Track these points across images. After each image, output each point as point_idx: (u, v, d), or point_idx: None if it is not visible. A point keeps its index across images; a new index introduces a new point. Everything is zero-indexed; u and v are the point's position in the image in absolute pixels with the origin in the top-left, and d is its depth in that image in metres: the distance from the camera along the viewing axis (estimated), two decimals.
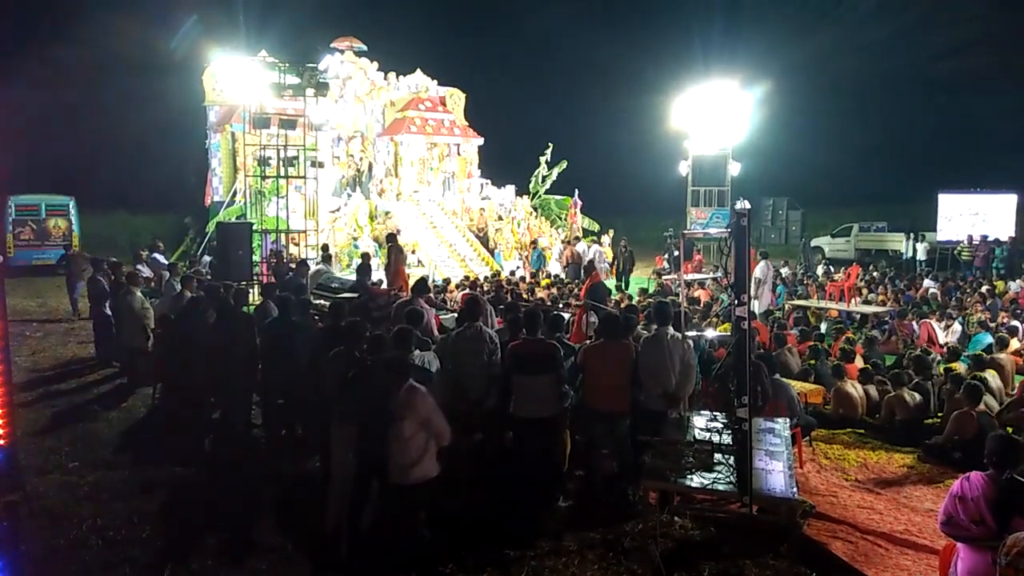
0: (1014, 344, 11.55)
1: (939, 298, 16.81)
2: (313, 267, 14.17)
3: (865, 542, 6.05)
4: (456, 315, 8.94)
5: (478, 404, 6.75)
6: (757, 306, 15.13)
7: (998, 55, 38.69)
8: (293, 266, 13.80)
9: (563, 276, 19.77)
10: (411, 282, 11.87)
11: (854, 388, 9.46)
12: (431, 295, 10.81)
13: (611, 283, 19.44)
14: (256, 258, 15.79)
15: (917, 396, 8.99)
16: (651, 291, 17.97)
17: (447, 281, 16.32)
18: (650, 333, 7.26)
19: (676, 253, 20.90)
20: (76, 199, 22.25)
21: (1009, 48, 38.37)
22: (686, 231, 21.46)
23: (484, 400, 6.78)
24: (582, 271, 16.92)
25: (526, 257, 22.87)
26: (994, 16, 39.28)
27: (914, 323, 14.02)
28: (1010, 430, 7.43)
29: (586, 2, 52.99)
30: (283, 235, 17.04)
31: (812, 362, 10.65)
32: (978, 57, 38.86)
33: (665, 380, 6.82)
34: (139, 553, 5.89)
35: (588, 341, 8.10)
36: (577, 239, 24.04)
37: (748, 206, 6.11)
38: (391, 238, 15.01)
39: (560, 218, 26.57)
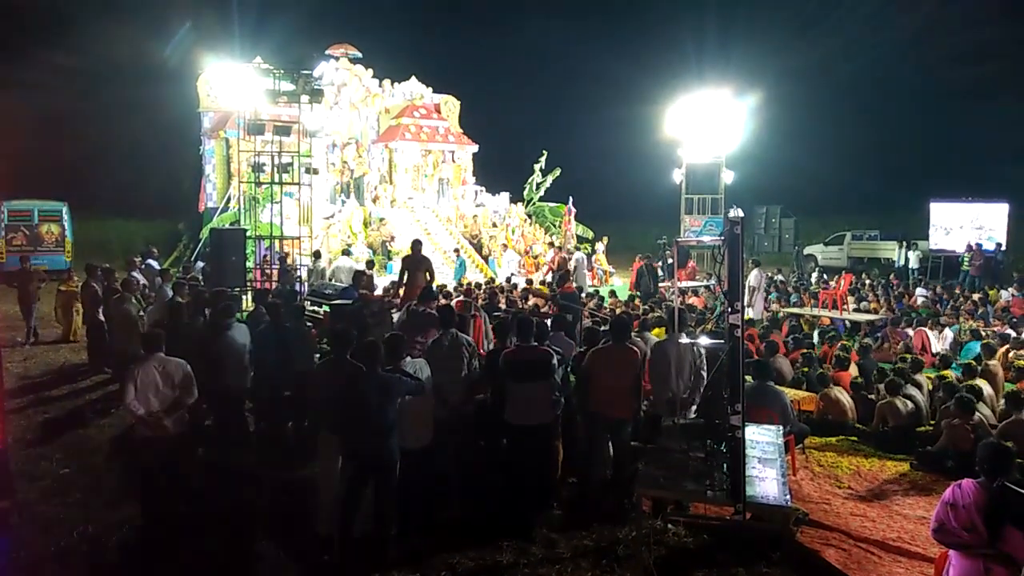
0: (1000, 352, 11.61)
1: (931, 306, 16.88)
2: (343, 261, 15.30)
3: (858, 550, 6.07)
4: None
5: (458, 411, 6.76)
6: (751, 314, 15.16)
7: (989, 65, 38.98)
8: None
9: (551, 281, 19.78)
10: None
11: (841, 394, 9.49)
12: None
13: (606, 290, 19.44)
14: (250, 264, 15.75)
15: (909, 404, 9.01)
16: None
17: (441, 287, 16.29)
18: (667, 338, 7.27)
19: (670, 261, 20.93)
20: (69, 205, 22.17)
21: (1000, 59, 38.68)
22: (680, 239, 21.51)
23: (464, 406, 6.80)
24: (557, 278, 16.86)
25: (521, 264, 22.89)
26: (986, 27, 39.59)
27: (908, 330, 14.07)
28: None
29: (580, 11, 53.18)
30: (277, 241, 17.01)
31: (805, 369, 10.68)
32: (969, 67, 39.15)
33: (674, 386, 6.84)
34: (130, 560, 5.87)
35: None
36: (578, 248, 24.06)
37: (741, 214, 6.15)
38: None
39: (554, 225, 26.60)
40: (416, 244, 12.61)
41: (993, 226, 24.92)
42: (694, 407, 7.21)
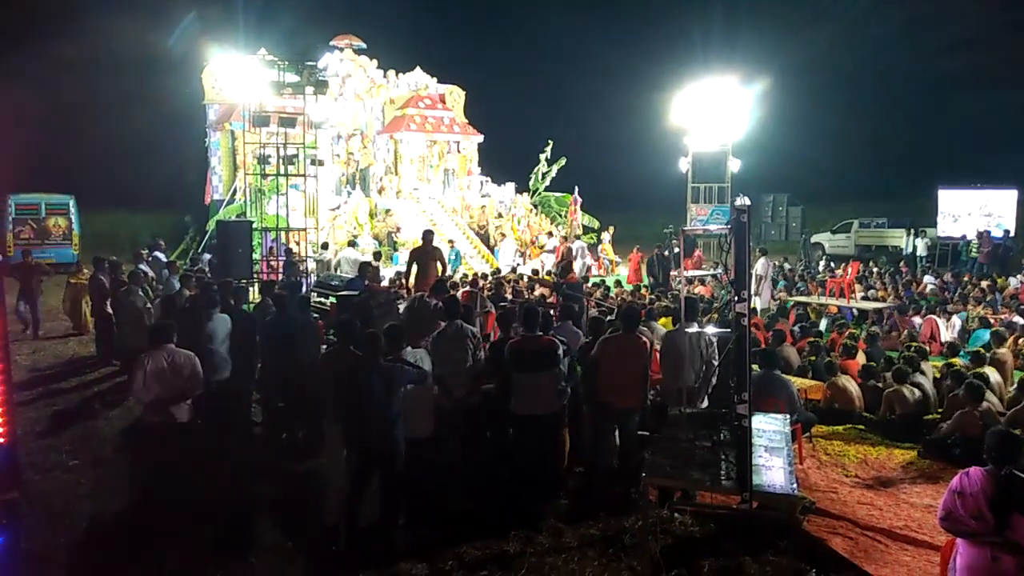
0: (1010, 340, 11.56)
1: (939, 294, 16.81)
2: (348, 252, 15.56)
3: (865, 538, 6.06)
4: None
5: (463, 401, 6.76)
6: (758, 303, 15.14)
7: (996, 52, 38.67)
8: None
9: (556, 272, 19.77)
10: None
11: (849, 382, 9.46)
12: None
13: (611, 280, 19.43)
14: (256, 256, 15.78)
15: (917, 392, 8.99)
16: (646, 280, 18.00)
17: (448, 278, 16.26)
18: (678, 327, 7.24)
19: (676, 250, 20.85)
20: (76, 198, 22.23)
21: (1007, 45, 38.35)
22: (686, 228, 21.45)
23: (469, 397, 6.80)
24: (560, 268, 16.79)
25: (517, 252, 22.86)
26: (992, 13, 39.27)
27: (915, 319, 14.01)
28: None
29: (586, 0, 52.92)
30: (283, 233, 17.04)
31: (812, 358, 10.65)
32: (977, 54, 38.84)
33: (686, 376, 6.82)
34: (139, 551, 5.90)
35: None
36: (577, 237, 24.04)
37: (748, 202, 6.10)
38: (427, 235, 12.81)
39: (560, 215, 26.56)
40: (427, 235, 12.32)
41: (1002, 213, 24.76)
42: (705, 397, 7.19)
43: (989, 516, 4.02)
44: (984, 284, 17.34)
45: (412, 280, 11.62)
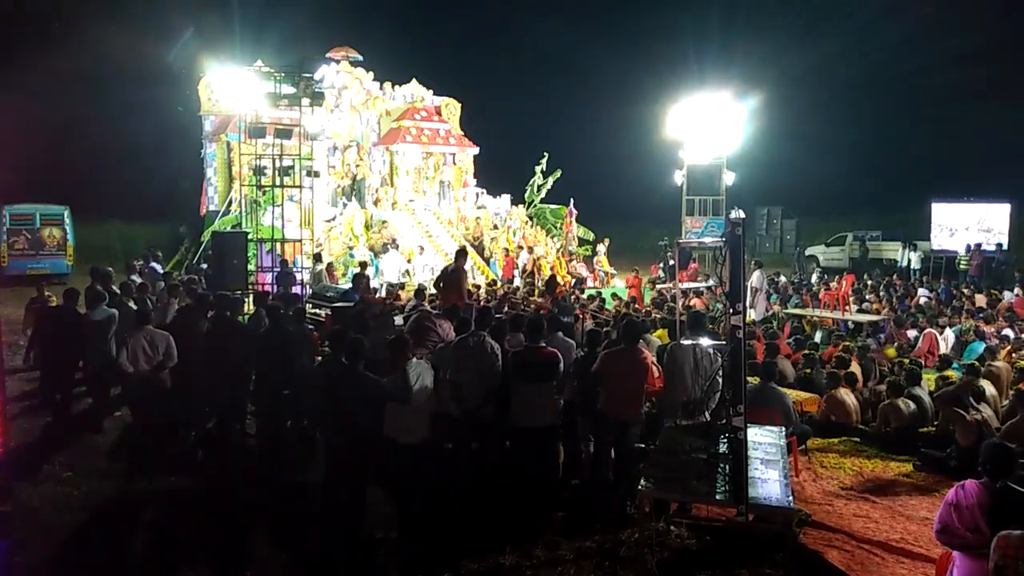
0: (1004, 353, 11.60)
1: (932, 307, 16.85)
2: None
3: (861, 551, 6.06)
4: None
5: (474, 413, 6.74)
6: (753, 315, 15.16)
7: (989, 67, 38.94)
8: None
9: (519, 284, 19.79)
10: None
11: (847, 395, 9.47)
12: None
13: (608, 292, 19.42)
14: (251, 267, 15.73)
15: (912, 404, 8.99)
16: (647, 300, 18.00)
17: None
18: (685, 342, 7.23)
19: (672, 262, 20.88)
20: (71, 208, 22.16)
21: (1000, 61, 38.64)
22: (681, 240, 21.49)
23: (480, 410, 6.77)
24: (546, 284, 16.67)
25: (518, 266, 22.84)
26: (986, 29, 39.53)
27: (911, 331, 14.04)
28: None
29: (582, 13, 53.10)
30: (279, 244, 17.01)
31: (807, 371, 10.66)
32: (969, 69, 39.02)
33: (690, 390, 6.82)
34: (133, 564, 5.87)
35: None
36: (531, 249, 24.01)
37: (743, 215, 6.12)
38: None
39: (555, 227, 26.59)
40: (457, 255, 11.74)
41: (1001, 228, 24.84)
42: (706, 412, 7.17)
43: (985, 529, 4.02)
44: (978, 296, 17.39)
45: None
